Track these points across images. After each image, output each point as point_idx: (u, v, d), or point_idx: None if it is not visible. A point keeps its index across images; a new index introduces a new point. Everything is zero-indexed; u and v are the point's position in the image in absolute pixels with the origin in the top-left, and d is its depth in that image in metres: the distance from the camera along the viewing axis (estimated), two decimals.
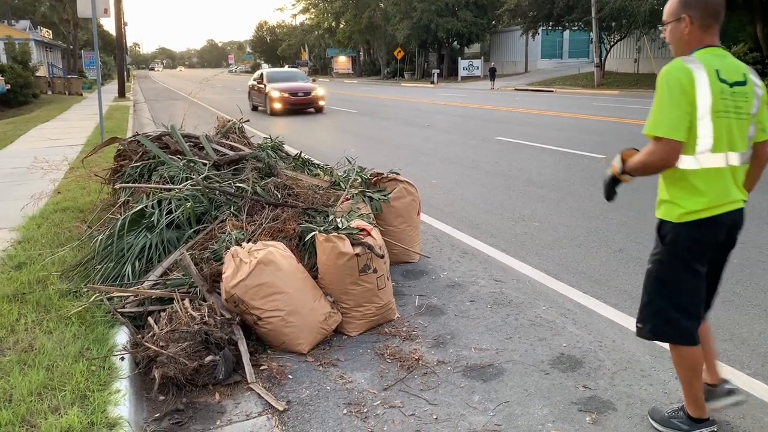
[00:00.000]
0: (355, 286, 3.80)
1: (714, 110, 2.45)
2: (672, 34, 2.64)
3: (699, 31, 2.56)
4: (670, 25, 2.63)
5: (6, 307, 3.84)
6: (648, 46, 33.95)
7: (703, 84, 2.44)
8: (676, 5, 2.58)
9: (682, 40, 2.60)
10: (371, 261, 3.81)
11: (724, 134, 2.48)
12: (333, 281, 3.84)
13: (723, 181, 2.53)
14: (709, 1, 2.52)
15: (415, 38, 51.91)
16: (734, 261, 4.99)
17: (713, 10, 2.53)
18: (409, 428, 2.89)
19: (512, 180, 8.58)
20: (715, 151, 2.49)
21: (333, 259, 3.77)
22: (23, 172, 8.74)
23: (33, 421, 2.68)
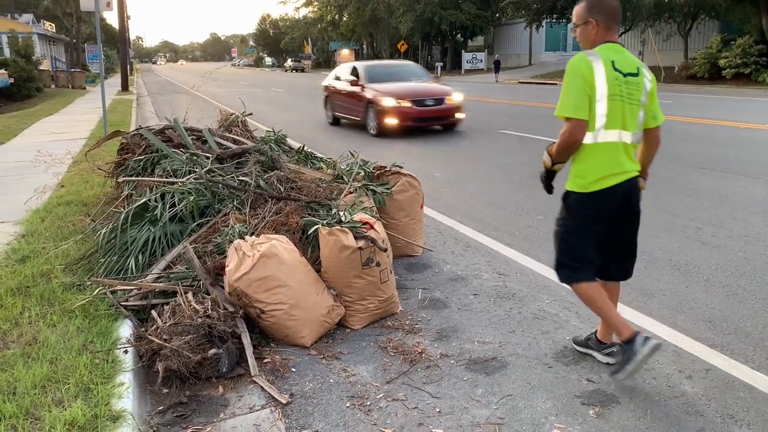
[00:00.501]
0: (358, 280, 3.80)
1: (609, 94, 2.91)
2: (581, 35, 3.10)
3: (603, 32, 3.03)
4: (580, 27, 3.08)
5: (10, 300, 3.85)
6: (652, 38, 33.78)
7: (600, 72, 2.90)
8: (584, 11, 3.04)
9: (589, 39, 3.05)
10: (374, 254, 3.80)
11: (617, 115, 2.94)
12: (336, 274, 3.84)
13: (617, 155, 2.98)
14: (610, 7, 3.02)
15: (419, 31, 51.76)
16: (739, 254, 5.00)
17: (614, 14, 3.03)
18: (412, 421, 2.90)
19: (516, 173, 8.56)
20: (609, 128, 2.94)
21: (336, 252, 3.77)
22: (27, 166, 8.75)
23: (37, 414, 2.69)
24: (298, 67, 74.64)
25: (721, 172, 8.19)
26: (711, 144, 10.60)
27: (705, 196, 6.97)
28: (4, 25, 37.66)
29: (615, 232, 3.16)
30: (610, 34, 3.03)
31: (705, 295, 4.27)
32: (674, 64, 31.19)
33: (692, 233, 5.62)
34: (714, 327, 3.79)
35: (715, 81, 27.52)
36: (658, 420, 2.86)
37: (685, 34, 31.83)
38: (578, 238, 3.15)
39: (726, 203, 6.62)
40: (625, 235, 3.22)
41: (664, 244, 5.34)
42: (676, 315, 3.98)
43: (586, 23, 3.04)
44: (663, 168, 8.57)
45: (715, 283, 4.49)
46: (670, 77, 29.94)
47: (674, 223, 5.96)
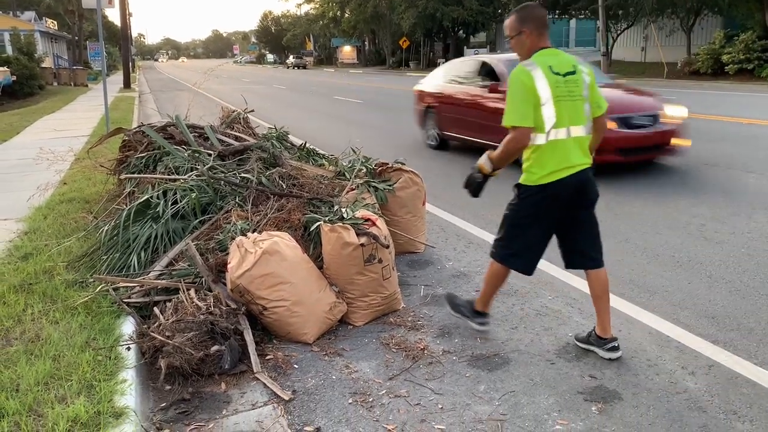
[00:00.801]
0: (361, 276, 3.80)
1: (553, 96, 3.11)
2: (516, 45, 3.30)
3: (536, 39, 3.24)
4: (514, 38, 3.28)
5: (13, 297, 3.85)
6: (655, 34, 33.67)
7: (540, 78, 3.10)
8: (515, 22, 3.26)
9: (525, 47, 3.26)
10: (376, 251, 3.80)
11: (564, 114, 3.14)
12: (338, 271, 3.84)
13: (566, 150, 3.19)
14: (539, 15, 3.26)
15: (421, 27, 51.59)
16: (742, 250, 5.00)
17: (543, 22, 3.26)
18: (414, 417, 2.90)
19: (518, 170, 8.52)
20: (559, 127, 3.14)
21: (338, 249, 3.77)
22: (29, 163, 8.76)
23: (40, 411, 2.70)
24: (300, 63, 74.52)
25: (724, 168, 8.17)
26: (714, 140, 10.56)
27: (708, 192, 6.96)
28: (6, 23, 37.66)
29: (571, 220, 3.39)
30: (543, 41, 3.26)
31: (708, 292, 4.26)
32: (677, 60, 31.08)
33: (695, 229, 5.61)
34: (717, 323, 3.78)
35: (718, 77, 27.41)
36: (661, 416, 2.86)
37: (687, 29, 31.70)
38: (524, 225, 3.38)
39: (729, 199, 6.60)
40: (582, 221, 3.42)
41: (666, 241, 5.33)
42: (679, 311, 3.97)
43: (519, 33, 3.25)
44: (666, 164, 8.54)
45: (718, 279, 4.48)
46: (673, 73, 29.84)
47: (677, 219, 5.95)
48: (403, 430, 2.80)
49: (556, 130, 3.16)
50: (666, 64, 30.46)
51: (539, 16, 3.26)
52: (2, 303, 3.78)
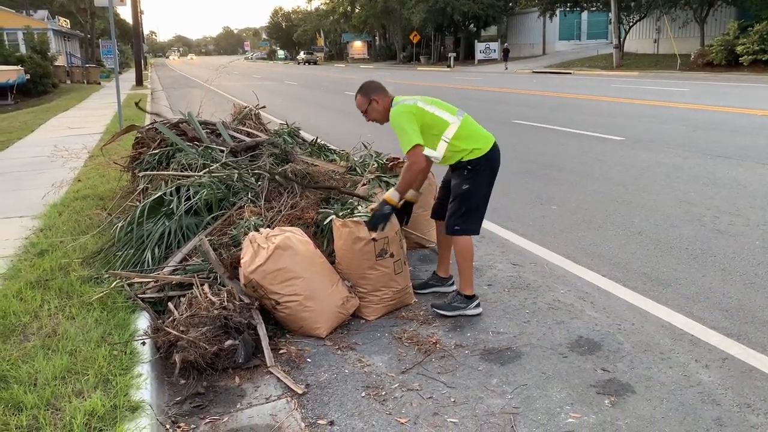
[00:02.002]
0: (373, 271, 3.81)
1: (431, 102, 3.74)
2: (373, 113, 3.84)
3: (386, 98, 3.80)
4: (368, 108, 3.82)
5: (30, 293, 3.90)
6: (668, 26, 33.37)
7: (414, 100, 3.73)
8: (363, 99, 3.82)
9: (382, 110, 3.80)
10: (388, 245, 3.81)
11: (447, 107, 3.77)
12: (350, 266, 3.85)
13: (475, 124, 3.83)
14: (377, 84, 3.87)
15: (431, 22, 51.42)
16: (756, 243, 4.96)
17: (381, 85, 3.85)
18: (427, 411, 2.91)
19: (530, 163, 8.52)
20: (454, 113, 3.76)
21: (350, 244, 3.78)
22: (44, 161, 8.85)
23: (58, 405, 2.74)
24: (311, 59, 74.59)
25: (739, 160, 8.10)
26: (728, 132, 10.47)
27: (722, 184, 6.90)
28: (19, 22, 37.98)
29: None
30: (389, 96, 3.82)
31: (722, 284, 4.24)
32: (690, 52, 30.81)
33: (709, 222, 5.58)
34: (731, 316, 3.76)
35: (732, 68, 27.15)
36: (674, 409, 2.85)
37: (701, 20, 31.39)
38: (481, 195, 3.81)
39: (743, 191, 6.55)
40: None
41: (680, 233, 5.30)
42: (693, 304, 3.95)
43: (371, 102, 3.79)
44: (679, 156, 8.49)
45: (732, 272, 4.45)
46: (686, 65, 29.59)
47: (690, 211, 5.91)
48: (416, 423, 2.82)
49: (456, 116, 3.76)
50: (679, 56, 30.20)
51: (377, 83, 3.88)
52: (19, 299, 3.82)
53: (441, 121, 3.70)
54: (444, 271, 4.27)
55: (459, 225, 3.77)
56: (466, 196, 3.76)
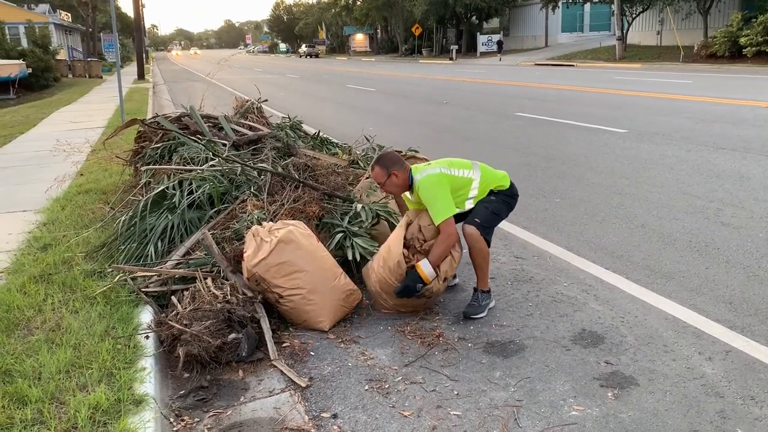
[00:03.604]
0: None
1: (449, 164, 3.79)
2: (392, 186, 3.78)
3: (404, 172, 3.74)
4: (387, 181, 3.75)
5: (33, 287, 3.91)
6: (671, 17, 33.22)
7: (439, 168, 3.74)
8: (382, 172, 3.73)
9: (401, 184, 3.77)
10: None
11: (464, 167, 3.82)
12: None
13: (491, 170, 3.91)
14: (395, 156, 3.82)
15: (433, 14, 51.24)
16: (760, 235, 4.94)
17: (400, 159, 3.80)
18: (430, 404, 2.91)
19: (532, 156, 8.50)
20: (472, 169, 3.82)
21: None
22: (46, 155, 8.85)
23: (62, 398, 2.74)
24: (313, 52, 74.43)
25: (742, 152, 8.07)
26: (732, 124, 10.44)
27: (725, 176, 6.88)
28: (20, 16, 37.93)
29: None
30: (407, 168, 3.78)
31: (725, 277, 4.23)
32: (693, 43, 30.67)
33: (712, 214, 5.56)
34: (734, 308, 3.76)
35: (735, 59, 27.03)
36: (678, 402, 2.85)
37: (704, 12, 31.23)
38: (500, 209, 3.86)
39: (747, 184, 6.53)
40: None
41: (683, 226, 5.29)
42: (696, 296, 3.95)
43: (389, 176, 3.72)
44: (682, 149, 8.47)
45: (736, 264, 4.44)
46: (690, 56, 29.46)
47: (694, 204, 5.90)
48: (419, 416, 2.82)
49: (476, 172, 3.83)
50: (682, 48, 30.09)
51: (394, 155, 3.86)
52: (23, 293, 3.83)
53: (466, 180, 3.77)
54: None
55: (480, 219, 3.74)
56: (491, 202, 3.81)
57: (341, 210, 4.47)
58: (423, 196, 3.68)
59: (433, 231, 3.72)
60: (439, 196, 3.63)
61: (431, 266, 3.62)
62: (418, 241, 3.75)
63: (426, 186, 3.67)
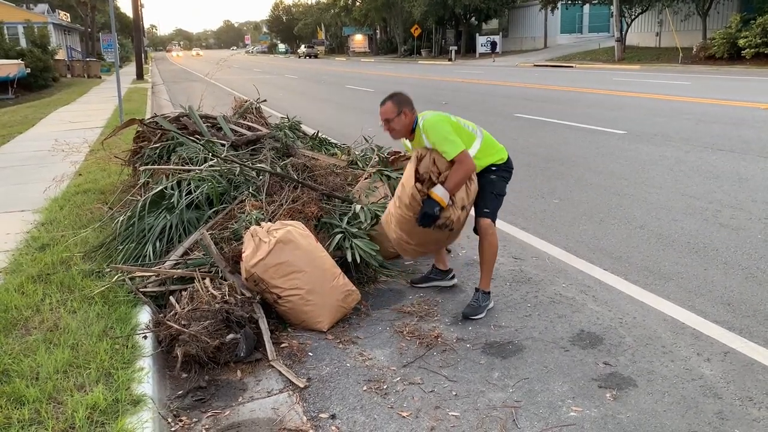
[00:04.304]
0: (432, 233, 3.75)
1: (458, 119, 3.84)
2: (399, 123, 3.77)
3: (412, 115, 3.79)
4: (395, 119, 3.75)
5: (31, 287, 3.90)
6: (670, 19, 33.25)
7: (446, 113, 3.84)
8: (394, 108, 3.75)
9: (407, 124, 3.78)
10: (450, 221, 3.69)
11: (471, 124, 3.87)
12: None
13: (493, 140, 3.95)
14: (408, 97, 3.82)
15: (432, 15, 51.24)
16: (758, 237, 4.95)
17: (411, 101, 3.82)
18: (428, 404, 2.91)
19: (531, 157, 8.50)
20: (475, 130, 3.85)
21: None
22: (45, 155, 8.85)
23: (59, 398, 2.74)
24: (312, 53, 74.45)
25: (741, 154, 8.08)
26: (730, 125, 10.44)
27: (724, 178, 6.89)
28: (19, 16, 37.89)
29: None
30: (415, 112, 3.82)
31: (724, 278, 4.23)
32: (692, 45, 30.69)
33: (711, 215, 5.56)
34: (733, 310, 3.76)
35: (734, 61, 27.05)
36: (676, 403, 2.85)
37: (703, 13, 31.25)
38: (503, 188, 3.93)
39: (745, 185, 6.53)
40: None
41: (682, 227, 5.29)
42: (695, 298, 3.95)
43: (399, 114, 3.74)
44: (681, 150, 8.47)
45: (734, 265, 4.44)
46: (688, 58, 29.48)
47: (693, 205, 5.90)
48: (417, 417, 2.82)
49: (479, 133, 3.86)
50: (681, 49, 30.11)
51: (408, 97, 3.84)
52: (21, 293, 3.83)
53: (470, 135, 3.78)
54: (443, 264, 4.28)
55: (488, 208, 3.80)
56: (493, 183, 3.84)
57: (340, 210, 4.47)
58: (431, 135, 3.66)
59: (446, 163, 3.65)
60: (447, 132, 3.64)
61: (444, 190, 3.58)
62: (432, 174, 3.66)
63: (432, 124, 3.68)
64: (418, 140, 3.79)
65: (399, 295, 4.17)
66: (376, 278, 4.37)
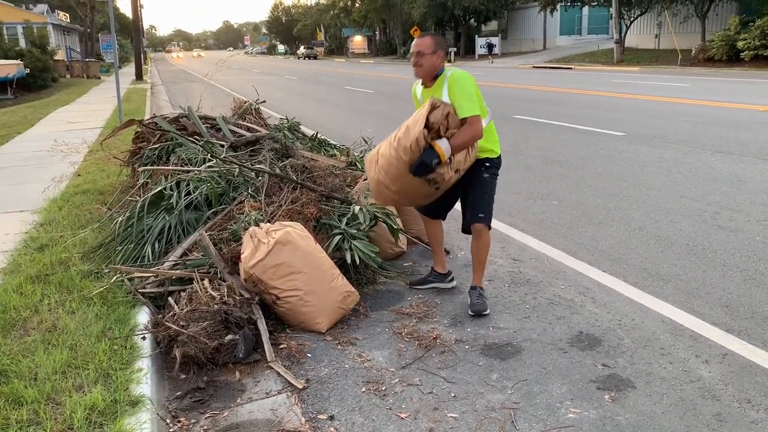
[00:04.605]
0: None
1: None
2: (428, 62, 3.68)
3: (443, 60, 3.77)
4: (427, 55, 3.66)
5: (30, 288, 3.90)
6: (669, 21, 33.28)
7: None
8: (432, 43, 3.67)
9: (436, 65, 3.71)
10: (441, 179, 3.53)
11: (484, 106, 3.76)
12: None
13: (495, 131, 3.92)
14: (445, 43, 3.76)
15: (432, 16, 51.25)
16: (757, 239, 4.95)
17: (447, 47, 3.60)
18: (427, 406, 2.91)
19: (530, 159, 8.50)
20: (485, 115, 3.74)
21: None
22: (44, 155, 8.84)
23: (58, 399, 2.74)
24: (311, 54, 74.41)
25: (739, 156, 8.09)
26: (729, 127, 10.46)
27: (723, 179, 6.90)
28: (19, 16, 37.86)
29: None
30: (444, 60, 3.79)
31: (722, 280, 4.24)
32: (691, 47, 30.73)
33: (709, 217, 5.57)
34: (731, 311, 3.76)
35: (733, 63, 27.08)
36: (674, 404, 2.85)
37: (702, 16, 31.30)
38: (495, 187, 3.93)
39: (744, 187, 6.54)
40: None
41: (681, 229, 5.29)
42: (693, 299, 3.95)
43: (434, 53, 3.67)
44: (680, 152, 8.48)
45: (733, 267, 4.45)
46: (687, 60, 29.51)
47: (691, 207, 5.91)
48: (416, 418, 2.82)
49: (487, 117, 3.79)
50: (680, 51, 30.14)
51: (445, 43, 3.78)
52: (19, 293, 3.82)
53: (484, 107, 3.73)
54: (441, 266, 4.29)
55: (483, 212, 3.82)
56: (487, 184, 3.84)
57: (339, 211, 4.47)
58: (456, 87, 3.57)
59: (458, 122, 3.52)
60: (471, 92, 3.58)
61: (448, 145, 3.46)
62: (442, 126, 3.48)
63: (461, 77, 3.61)
64: (436, 89, 3.67)
65: (398, 296, 4.17)
66: (374, 279, 4.37)
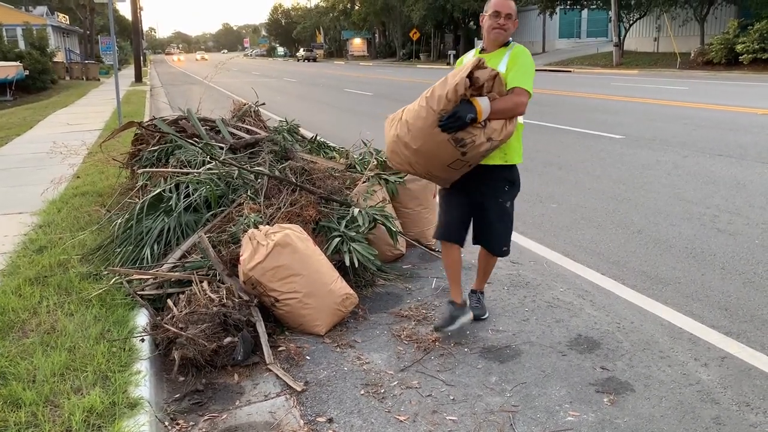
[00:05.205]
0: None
1: None
2: (513, 26, 3.46)
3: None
4: (515, 20, 3.45)
5: (28, 289, 3.89)
6: (668, 24, 33.33)
7: None
8: (516, 9, 3.45)
9: (512, 30, 3.46)
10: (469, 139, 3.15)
11: None
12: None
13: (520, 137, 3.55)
14: None
15: (431, 19, 51.33)
16: (756, 242, 4.95)
17: None
18: (426, 409, 2.91)
19: (529, 161, 8.50)
20: None
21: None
22: (43, 157, 8.84)
23: (56, 401, 2.73)
24: (310, 56, 74.46)
25: (738, 159, 8.10)
26: (728, 130, 10.47)
27: (721, 183, 6.90)
28: (18, 18, 37.87)
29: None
30: None
31: (721, 283, 4.24)
32: (690, 50, 30.77)
33: (708, 221, 5.57)
34: (730, 315, 3.76)
35: (732, 67, 27.12)
36: (673, 408, 2.85)
37: (701, 19, 31.34)
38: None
39: (743, 190, 6.55)
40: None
41: (680, 232, 5.30)
42: (692, 303, 3.95)
43: (516, 19, 3.47)
44: (679, 155, 8.49)
45: (732, 270, 4.45)
46: (686, 63, 29.56)
47: (690, 210, 5.91)
48: (414, 421, 2.82)
49: None
50: (679, 55, 30.19)
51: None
52: (18, 295, 3.82)
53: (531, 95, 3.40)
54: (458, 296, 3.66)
55: (508, 246, 3.62)
56: (509, 214, 3.57)
57: (338, 214, 4.47)
58: (520, 59, 3.33)
59: (503, 91, 3.21)
60: (530, 70, 3.34)
61: (488, 105, 3.10)
62: (486, 84, 3.12)
63: (525, 52, 3.41)
64: (494, 57, 3.37)
65: (397, 298, 4.17)
66: (373, 282, 4.37)
